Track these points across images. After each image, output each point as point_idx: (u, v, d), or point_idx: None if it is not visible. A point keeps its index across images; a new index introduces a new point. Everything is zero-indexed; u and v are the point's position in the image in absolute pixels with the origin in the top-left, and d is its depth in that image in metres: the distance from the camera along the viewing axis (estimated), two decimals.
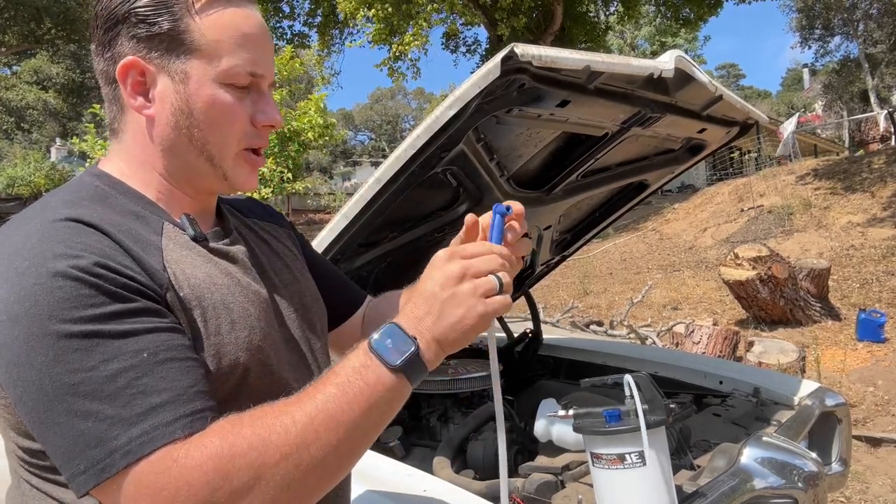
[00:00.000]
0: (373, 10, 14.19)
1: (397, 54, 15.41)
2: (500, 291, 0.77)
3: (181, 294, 0.75)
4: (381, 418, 0.73)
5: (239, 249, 0.89)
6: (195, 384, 0.69)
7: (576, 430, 1.24)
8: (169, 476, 0.63)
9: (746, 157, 19.13)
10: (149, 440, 0.64)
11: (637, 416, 1.16)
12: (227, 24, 0.81)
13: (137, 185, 0.84)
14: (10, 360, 0.66)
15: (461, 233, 0.86)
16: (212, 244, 0.85)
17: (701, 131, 2.14)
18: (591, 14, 17.99)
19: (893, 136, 19.30)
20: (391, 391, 0.72)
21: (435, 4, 13.66)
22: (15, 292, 0.66)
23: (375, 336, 0.73)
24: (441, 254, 0.79)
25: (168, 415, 0.65)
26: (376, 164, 8.31)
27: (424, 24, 14.68)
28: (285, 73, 13.38)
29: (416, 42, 14.77)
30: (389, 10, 13.93)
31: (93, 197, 0.79)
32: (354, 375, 0.71)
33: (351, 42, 17.80)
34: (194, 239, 0.82)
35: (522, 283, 2.73)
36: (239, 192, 0.96)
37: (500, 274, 0.78)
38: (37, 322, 0.65)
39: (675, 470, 1.50)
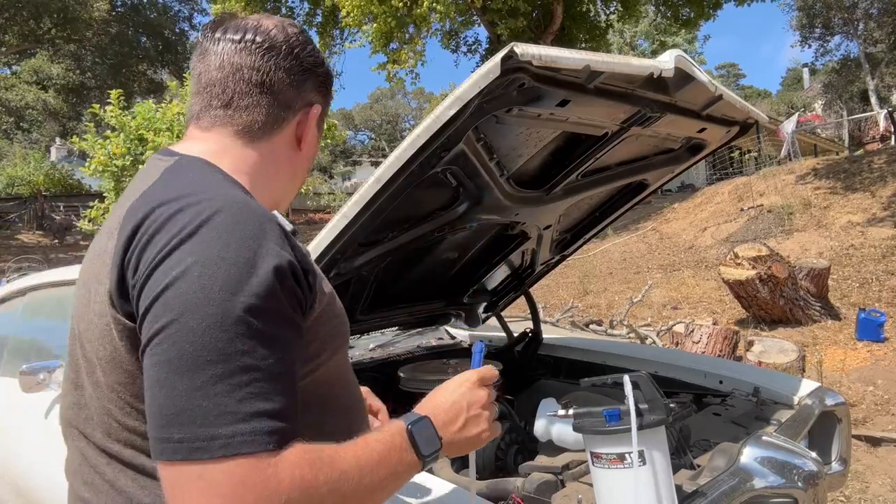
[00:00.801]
0: (375, 25, 14.25)
1: (394, 61, 15.46)
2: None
3: (321, 283, 0.85)
4: (398, 489, 0.85)
5: None
6: (297, 406, 0.73)
7: (576, 429, 1.24)
8: (254, 481, 0.64)
9: (746, 156, 19.13)
10: (250, 441, 0.65)
11: (638, 415, 1.16)
12: None
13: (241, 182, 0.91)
14: (169, 306, 0.69)
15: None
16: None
17: (701, 131, 2.14)
18: (591, 14, 17.94)
19: (893, 136, 19.30)
20: (411, 472, 0.85)
21: (437, 15, 13.65)
22: (213, 263, 0.70)
23: (414, 425, 0.86)
24: (472, 376, 0.97)
25: (271, 424, 0.68)
26: (376, 164, 8.30)
27: (420, 41, 14.85)
28: None
29: (411, 61, 15.03)
30: (392, 23, 14.00)
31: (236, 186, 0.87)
32: (395, 453, 0.82)
33: (351, 43, 17.77)
34: (293, 233, 0.90)
35: (523, 282, 2.73)
36: None
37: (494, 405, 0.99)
38: (213, 290, 0.69)
39: (675, 469, 1.50)
